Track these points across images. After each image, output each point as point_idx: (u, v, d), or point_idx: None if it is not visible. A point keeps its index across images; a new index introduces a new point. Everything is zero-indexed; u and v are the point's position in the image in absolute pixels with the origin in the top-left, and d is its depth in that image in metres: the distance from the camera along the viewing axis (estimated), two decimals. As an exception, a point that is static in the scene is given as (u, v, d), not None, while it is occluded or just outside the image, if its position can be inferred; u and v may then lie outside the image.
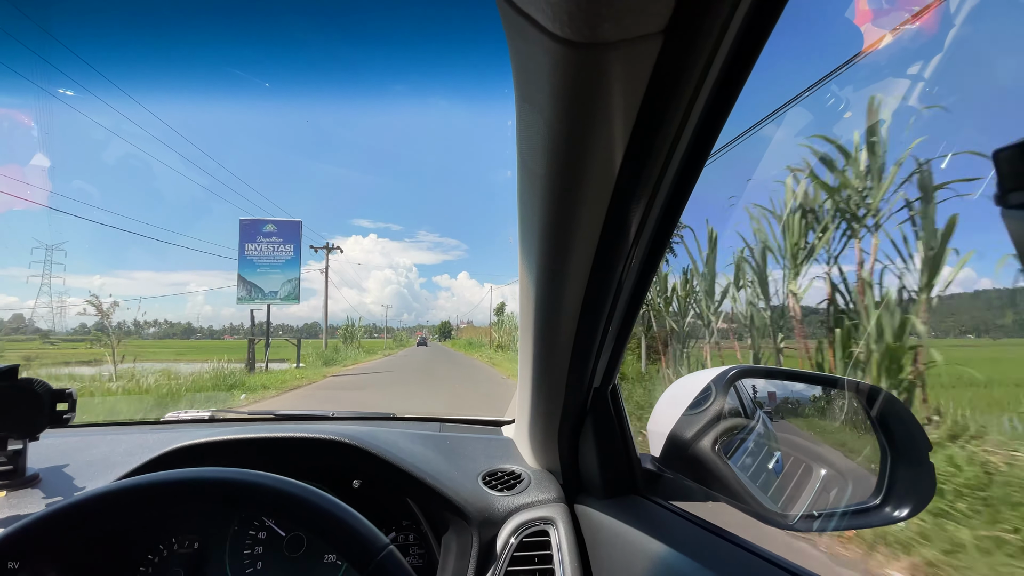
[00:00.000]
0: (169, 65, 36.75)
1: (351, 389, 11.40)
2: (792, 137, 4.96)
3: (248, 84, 41.95)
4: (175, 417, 1.24)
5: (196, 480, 0.50)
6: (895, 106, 4.38)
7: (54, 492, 0.82)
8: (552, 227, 0.51)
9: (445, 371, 17.52)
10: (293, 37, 68.68)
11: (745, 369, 0.81)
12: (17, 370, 0.82)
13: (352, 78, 54.45)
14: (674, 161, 0.45)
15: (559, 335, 0.66)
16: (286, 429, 0.90)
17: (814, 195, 5.31)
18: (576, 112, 0.38)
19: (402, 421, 1.25)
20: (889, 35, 3.60)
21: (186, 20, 39.05)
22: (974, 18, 3.59)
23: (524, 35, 0.33)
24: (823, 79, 3.75)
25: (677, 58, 0.34)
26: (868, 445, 0.73)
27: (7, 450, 0.82)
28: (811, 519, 0.70)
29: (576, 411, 0.80)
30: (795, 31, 1.99)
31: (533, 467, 0.95)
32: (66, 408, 0.84)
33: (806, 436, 0.86)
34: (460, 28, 52.32)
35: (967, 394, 3.86)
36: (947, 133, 4.24)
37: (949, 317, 4.98)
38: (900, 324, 4.21)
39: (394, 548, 0.48)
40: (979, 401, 3.75)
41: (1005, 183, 0.23)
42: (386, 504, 0.91)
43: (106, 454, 0.92)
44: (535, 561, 0.77)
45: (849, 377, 0.78)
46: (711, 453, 0.72)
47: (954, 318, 5.20)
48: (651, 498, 0.80)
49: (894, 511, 0.65)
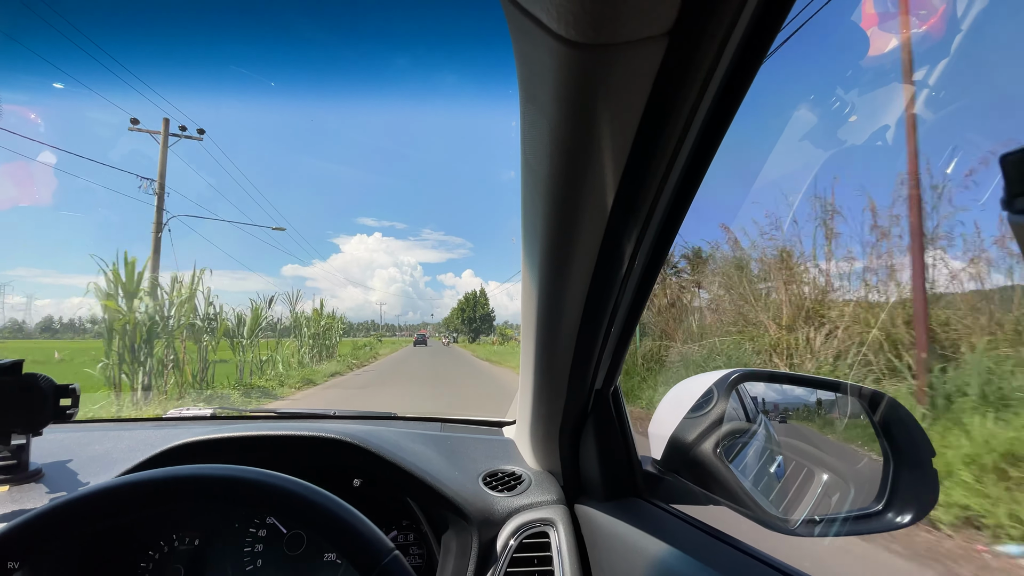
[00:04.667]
0: (173, 63, 36.94)
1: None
2: (798, 139, 4.94)
3: (253, 82, 42.05)
4: (177, 414, 1.24)
5: (201, 477, 0.50)
6: (900, 110, 4.35)
7: (57, 487, 0.83)
8: (555, 228, 0.51)
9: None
10: (299, 36, 68.89)
11: (747, 373, 0.81)
12: (21, 365, 0.83)
13: (357, 77, 54.54)
14: (678, 163, 0.45)
15: (561, 336, 0.66)
16: (287, 427, 0.90)
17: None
18: (580, 113, 0.38)
19: (403, 421, 1.26)
20: (895, 39, 3.59)
21: (189, 18, 39.22)
22: (981, 22, 3.57)
23: (529, 36, 0.33)
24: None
25: (682, 60, 0.34)
26: (871, 450, 0.73)
27: (10, 445, 0.83)
28: (813, 524, 0.70)
29: (577, 412, 0.80)
30: (801, 34, 1.99)
31: (534, 468, 0.94)
32: (69, 403, 0.85)
33: (808, 440, 0.86)
34: (466, 28, 52.42)
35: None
36: (953, 137, 4.21)
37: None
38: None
39: (399, 554, 0.48)
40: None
41: (1012, 188, 0.23)
42: (386, 503, 0.91)
43: (108, 450, 0.92)
44: (535, 562, 0.77)
45: (852, 382, 0.78)
46: (712, 456, 0.72)
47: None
48: (652, 501, 0.80)
49: (897, 517, 0.65)
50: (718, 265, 7.22)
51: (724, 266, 6.97)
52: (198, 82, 28.83)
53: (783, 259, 6.03)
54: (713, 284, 7.30)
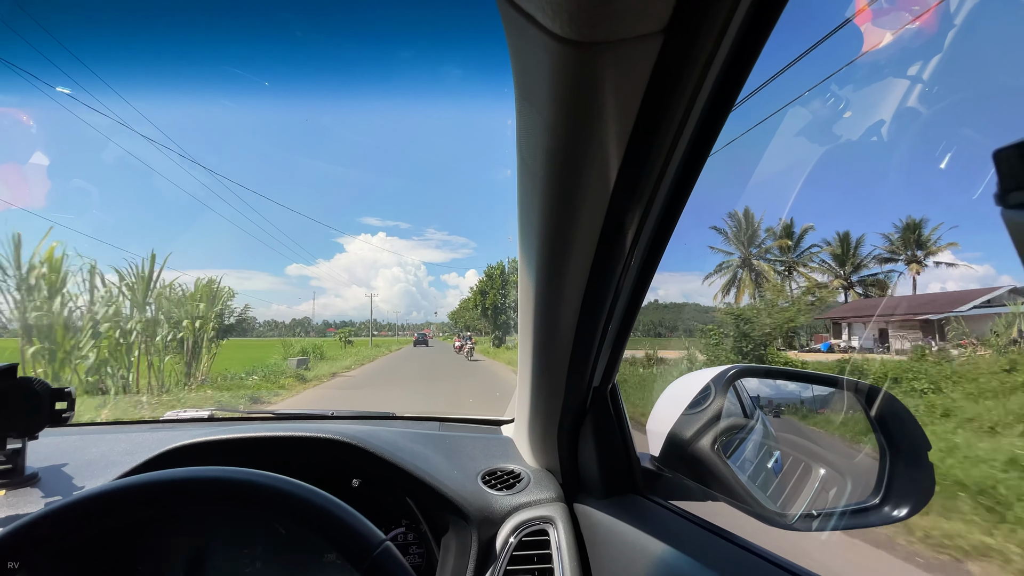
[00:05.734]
0: (166, 64, 36.69)
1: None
2: (793, 136, 4.95)
3: (247, 83, 41.83)
4: (174, 416, 1.24)
5: (194, 479, 0.50)
6: (895, 106, 4.37)
7: (53, 491, 0.82)
8: (552, 227, 0.51)
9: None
10: (294, 36, 68.60)
11: (744, 368, 0.82)
12: (16, 369, 0.82)
13: (356, 77, 54.37)
14: (674, 161, 0.45)
15: (559, 334, 0.66)
16: (285, 428, 0.90)
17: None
18: (576, 111, 0.38)
19: (402, 420, 1.25)
20: (890, 35, 3.60)
21: (180, 19, 38.96)
22: (975, 18, 3.59)
23: (524, 34, 0.33)
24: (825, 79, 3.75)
25: (677, 58, 0.34)
26: (867, 444, 0.73)
27: (6, 449, 0.82)
28: (810, 518, 0.70)
29: (575, 410, 0.80)
30: (795, 31, 1.99)
31: (532, 466, 0.95)
32: (65, 407, 0.84)
33: (806, 435, 0.86)
34: (472, 22, 52.19)
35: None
36: (946, 133, 4.24)
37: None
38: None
39: (390, 544, 0.48)
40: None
41: (1005, 183, 0.24)
42: (386, 503, 0.91)
43: (105, 453, 0.92)
44: (534, 560, 0.77)
45: (848, 377, 0.78)
46: (710, 452, 0.72)
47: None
48: (650, 497, 0.80)
49: (893, 510, 0.65)
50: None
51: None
52: (198, 82, 28.66)
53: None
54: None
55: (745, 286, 24.69)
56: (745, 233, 25.36)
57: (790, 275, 25.38)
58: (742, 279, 25.10)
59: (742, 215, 25.44)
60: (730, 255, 25.75)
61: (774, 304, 12.52)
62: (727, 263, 25.79)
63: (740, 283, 25.12)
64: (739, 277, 25.40)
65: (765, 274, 24.37)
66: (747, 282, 24.76)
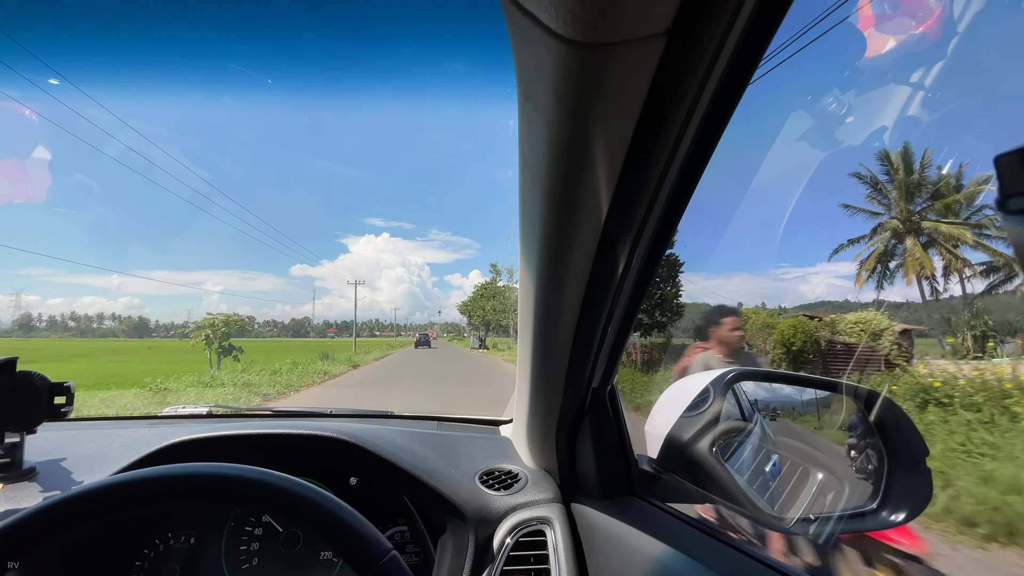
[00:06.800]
0: (170, 62, 36.67)
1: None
2: (795, 140, 4.95)
3: (251, 80, 41.93)
4: (172, 412, 1.24)
5: (196, 476, 0.50)
6: (897, 111, 4.36)
7: (51, 486, 0.82)
8: (553, 228, 0.51)
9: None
10: (298, 34, 68.70)
11: (743, 372, 0.82)
12: (15, 363, 0.82)
13: (359, 76, 54.39)
14: (676, 162, 0.45)
15: (558, 335, 0.66)
16: (284, 426, 0.90)
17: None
18: (578, 112, 0.38)
19: (400, 419, 1.25)
20: (893, 40, 3.60)
21: (183, 17, 39.03)
22: (977, 24, 3.59)
23: (527, 34, 0.33)
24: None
25: (680, 59, 0.34)
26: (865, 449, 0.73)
27: (4, 443, 0.82)
28: (807, 522, 0.70)
29: (574, 411, 0.80)
30: (799, 34, 1.98)
31: (530, 467, 0.95)
32: (64, 402, 0.84)
33: (804, 439, 0.86)
34: (476, 20, 52.32)
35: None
36: (949, 138, 4.23)
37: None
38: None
39: (396, 554, 0.48)
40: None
41: (1006, 189, 0.24)
42: (383, 502, 0.91)
43: (103, 448, 0.92)
44: (531, 561, 0.77)
45: (848, 382, 0.78)
46: (709, 455, 0.72)
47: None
48: (648, 499, 0.80)
49: (891, 515, 0.65)
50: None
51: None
52: (202, 79, 28.71)
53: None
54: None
55: (913, 264, 14.49)
56: (903, 184, 14.38)
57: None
58: (909, 252, 14.66)
59: (896, 156, 13.90)
60: (877, 216, 15.41)
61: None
62: (880, 229, 15.30)
63: (905, 258, 14.80)
64: (892, 249, 15.08)
65: (947, 245, 13.82)
66: (917, 256, 14.41)
